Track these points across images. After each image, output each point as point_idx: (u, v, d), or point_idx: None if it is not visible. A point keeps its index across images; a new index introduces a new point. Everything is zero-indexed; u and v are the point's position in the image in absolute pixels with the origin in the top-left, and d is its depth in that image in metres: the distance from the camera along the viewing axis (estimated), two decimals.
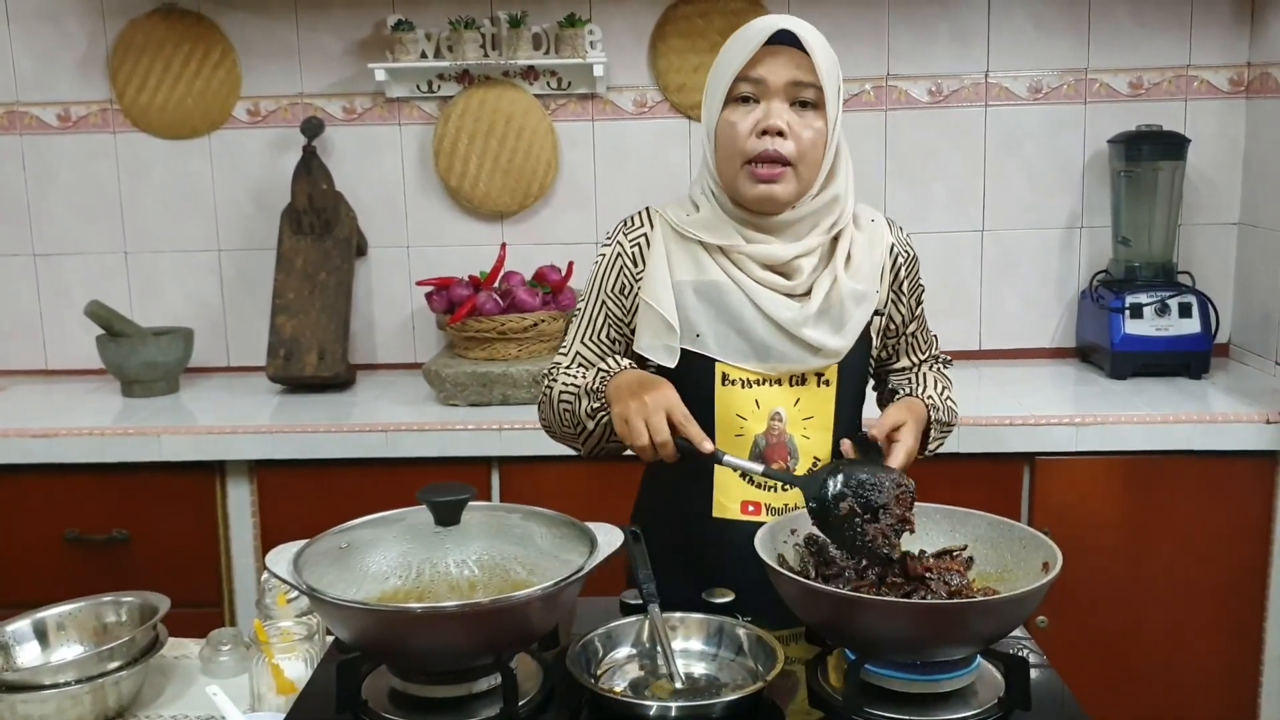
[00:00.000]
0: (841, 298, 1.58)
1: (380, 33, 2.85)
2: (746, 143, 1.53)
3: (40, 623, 1.53)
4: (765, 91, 1.53)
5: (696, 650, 1.34)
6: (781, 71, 1.52)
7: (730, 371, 1.58)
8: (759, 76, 1.52)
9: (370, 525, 1.36)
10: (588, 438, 1.59)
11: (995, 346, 2.95)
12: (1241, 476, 2.37)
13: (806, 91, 1.53)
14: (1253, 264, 2.79)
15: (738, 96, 1.54)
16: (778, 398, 1.59)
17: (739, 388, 1.58)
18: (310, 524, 1.43)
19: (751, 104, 1.54)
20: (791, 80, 1.52)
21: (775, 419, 1.59)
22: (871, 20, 2.81)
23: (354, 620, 1.20)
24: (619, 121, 2.89)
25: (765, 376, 1.58)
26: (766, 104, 1.53)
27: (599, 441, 1.59)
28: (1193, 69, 2.82)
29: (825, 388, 1.61)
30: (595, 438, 1.59)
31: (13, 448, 2.45)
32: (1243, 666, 2.44)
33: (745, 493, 1.59)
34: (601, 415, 1.54)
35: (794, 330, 1.56)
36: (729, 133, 1.55)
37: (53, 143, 2.94)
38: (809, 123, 1.54)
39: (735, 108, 1.55)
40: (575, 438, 1.61)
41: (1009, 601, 1.20)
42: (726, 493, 1.60)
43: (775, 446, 1.59)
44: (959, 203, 2.90)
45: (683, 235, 1.61)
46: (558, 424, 1.62)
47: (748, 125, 1.53)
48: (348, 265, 2.82)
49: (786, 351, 1.57)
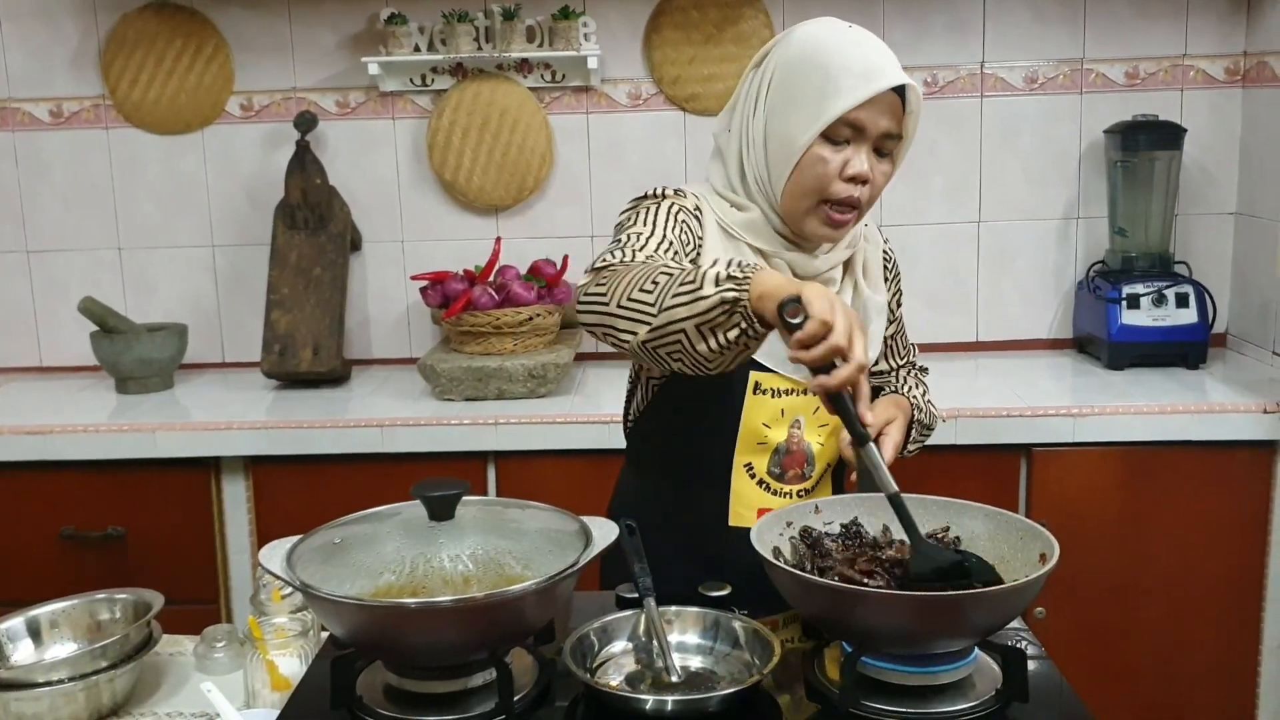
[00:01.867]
0: (864, 307, 1.59)
1: (373, 26, 2.84)
2: (832, 185, 1.47)
3: (34, 620, 1.53)
4: (860, 138, 1.47)
5: (693, 643, 1.34)
6: (881, 122, 1.46)
7: (764, 380, 1.55)
8: (862, 125, 1.46)
9: (364, 521, 1.35)
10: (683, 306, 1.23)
11: (992, 338, 2.94)
12: (1239, 467, 2.37)
13: (890, 143, 1.50)
14: (1250, 254, 2.79)
15: (833, 136, 1.46)
16: (800, 406, 1.58)
17: (769, 397, 1.56)
18: (306, 519, 1.42)
19: (842, 146, 1.47)
20: (885, 132, 1.48)
21: (795, 427, 1.58)
22: (867, 11, 2.80)
23: (348, 616, 1.19)
24: (614, 114, 2.88)
25: (795, 386, 1.56)
26: (856, 149, 1.47)
27: (693, 318, 1.22)
28: (1189, 59, 2.81)
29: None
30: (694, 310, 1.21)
31: (7, 445, 2.44)
32: (1241, 656, 2.43)
33: (763, 500, 1.58)
34: (730, 290, 1.20)
35: None
36: (817, 170, 1.47)
37: (45, 139, 2.93)
38: (883, 169, 1.51)
39: (826, 145, 1.47)
40: (649, 310, 1.26)
41: (1006, 593, 1.19)
42: (744, 501, 1.59)
43: (794, 454, 1.59)
44: (955, 194, 2.89)
45: (727, 231, 1.55)
46: (630, 288, 1.29)
47: (836, 167, 1.47)
48: (342, 260, 2.81)
49: None
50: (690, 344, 1.24)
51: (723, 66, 2.82)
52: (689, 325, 1.23)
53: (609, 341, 1.34)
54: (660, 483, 1.66)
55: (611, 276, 1.33)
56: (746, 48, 2.79)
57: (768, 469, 1.58)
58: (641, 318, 1.27)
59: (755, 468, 1.58)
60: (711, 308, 1.21)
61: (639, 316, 1.28)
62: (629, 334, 1.29)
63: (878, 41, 1.49)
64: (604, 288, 1.33)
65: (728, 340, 1.22)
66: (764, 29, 2.80)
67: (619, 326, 1.30)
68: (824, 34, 1.49)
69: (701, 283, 1.22)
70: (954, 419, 2.32)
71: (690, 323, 1.22)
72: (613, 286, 1.31)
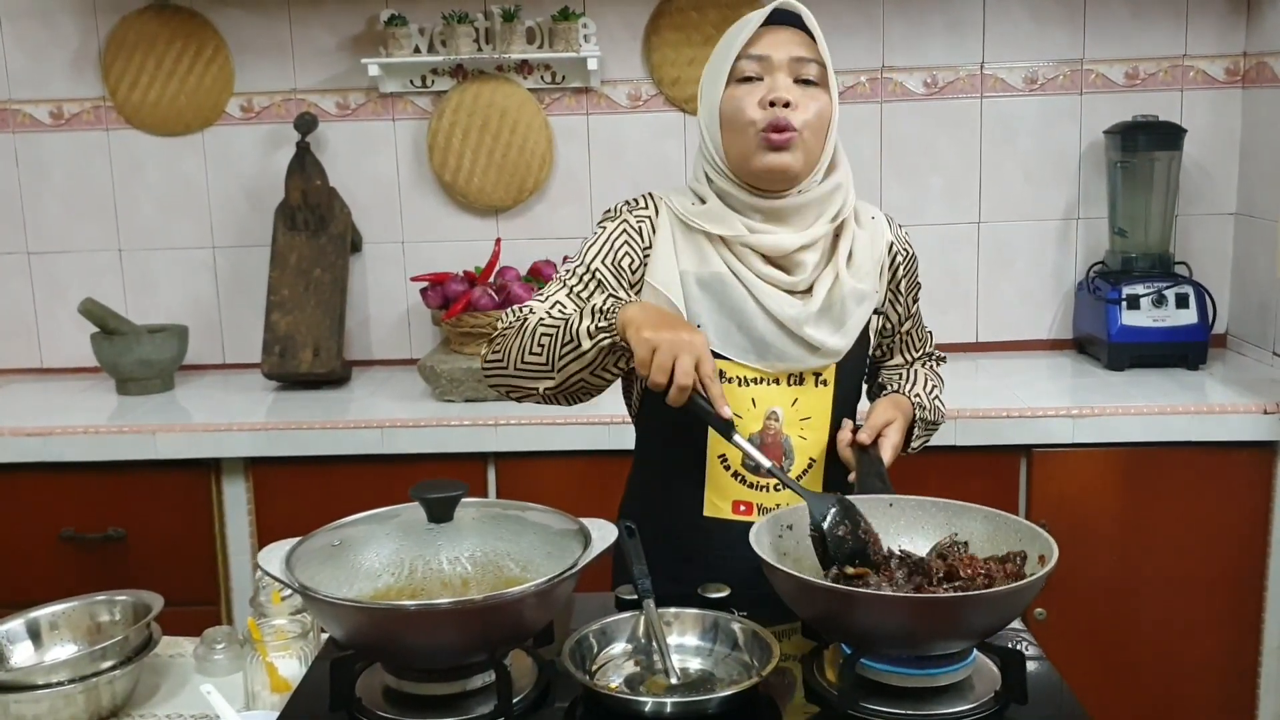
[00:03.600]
0: (843, 296, 1.57)
1: (373, 28, 2.84)
2: (749, 111, 1.52)
3: (33, 622, 1.52)
4: (769, 68, 1.53)
5: (692, 645, 1.34)
6: (784, 48, 1.53)
7: (728, 368, 1.56)
8: (762, 54, 1.53)
9: (363, 523, 1.35)
10: (571, 361, 1.44)
11: (992, 338, 2.94)
12: (1239, 467, 2.37)
13: (809, 68, 1.53)
14: (1250, 254, 2.79)
15: (741, 76, 1.54)
16: (775, 397, 1.58)
17: (736, 385, 1.56)
18: (306, 521, 1.43)
19: (755, 82, 1.53)
20: (794, 56, 1.53)
21: (771, 418, 1.58)
22: (866, 12, 2.80)
23: (347, 618, 1.19)
24: (613, 115, 2.88)
25: (762, 375, 1.57)
26: (771, 78, 1.53)
27: (585, 368, 1.45)
28: (1189, 59, 2.81)
29: (823, 388, 1.60)
30: (582, 363, 1.44)
31: (7, 446, 2.45)
32: (1241, 657, 2.43)
33: (738, 492, 1.58)
34: (604, 338, 1.41)
35: (795, 328, 1.54)
36: (735, 107, 1.53)
37: (45, 140, 2.93)
38: (813, 97, 1.54)
39: (739, 86, 1.54)
40: (544, 368, 1.47)
41: (1005, 594, 1.19)
42: (720, 492, 1.59)
43: (770, 446, 1.58)
44: (955, 195, 2.89)
45: (688, 225, 1.58)
46: (522, 353, 1.49)
47: (755, 99, 1.52)
48: (342, 261, 2.81)
49: (786, 349, 1.56)
50: (591, 382, 1.48)
51: None
52: (584, 373, 1.46)
53: (514, 398, 1.54)
54: (649, 472, 1.69)
55: (502, 343, 1.52)
56: None
57: (742, 461, 1.58)
58: (538, 375, 1.49)
59: (729, 459, 1.59)
60: (595, 356, 1.43)
61: (535, 375, 1.49)
62: (533, 388, 1.50)
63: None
64: (500, 354, 1.52)
65: (620, 367, 1.46)
66: None
67: (523, 385, 1.51)
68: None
69: (579, 340, 1.43)
70: (954, 419, 2.32)
71: (584, 371, 1.46)
72: (507, 353, 1.51)
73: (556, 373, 1.46)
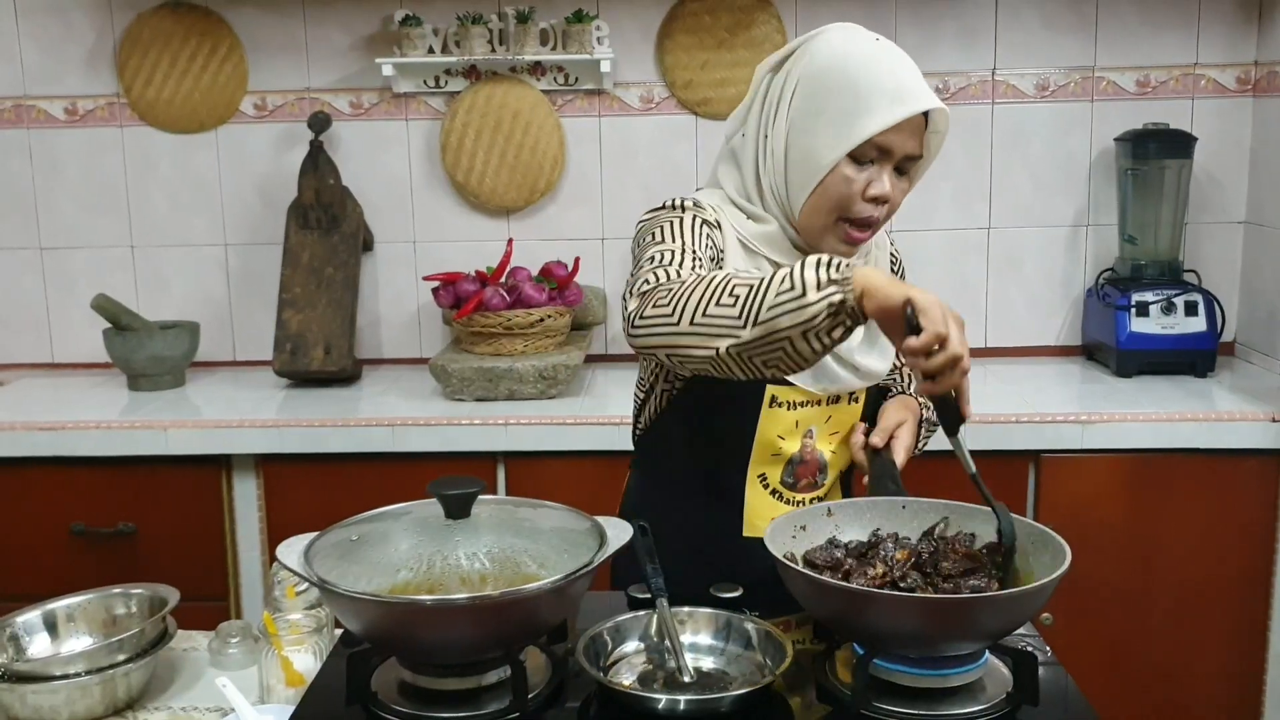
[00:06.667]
0: None
1: (388, 28, 2.85)
2: (855, 205, 1.47)
3: (50, 614, 1.54)
4: (884, 158, 1.46)
5: (705, 644, 1.34)
6: (906, 144, 1.46)
7: (780, 394, 1.54)
8: (889, 147, 1.45)
9: (380, 518, 1.36)
10: (786, 314, 1.21)
11: (1001, 344, 2.95)
12: (1247, 475, 2.37)
13: (911, 162, 1.50)
14: (1259, 262, 2.79)
15: (858, 156, 1.45)
16: (813, 417, 1.57)
17: (785, 410, 1.55)
18: (316, 518, 1.44)
19: (867, 165, 1.46)
20: (909, 154, 1.48)
21: (807, 437, 1.58)
22: (878, 17, 2.81)
23: (365, 612, 1.20)
24: (626, 117, 2.90)
25: (810, 398, 1.55)
26: (880, 169, 1.46)
27: (797, 325, 1.21)
28: (1200, 67, 2.82)
29: (854, 404, 1.60)
30: (799, 318, 1.21)
31: (19, 441, 2.46)
32: (1248, 663, 2.44)
33: (775, 510, 1.58)
34: (834, 292, 1.20)
35: (846, 354, 1.53)
36: (841, 189, 1.46)
37: (60, 136, 2.94)
38: (901, 186, 1.51)
39: (850, 164, 1.45)
40: (734, 323, 1.25)
41: (1018, 596, 1.20)
42: (758, 513, 1.58)
43: (808, 463, 1.59)
44: (965, 200, 2.90)
45: (745, 245, 1.54)
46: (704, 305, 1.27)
47: (860, 187, 1.46)
48: (354, 260, 2.82)
49: (838, 374, 1.55)
50: (793, 349, 1.24)
51: (735, 71, 2.83)
52: (794, 333, 1.22)
53: (671, 361, 1.32)
54: (672, 492, 1.65)
55: (669, 297, 1.31)
56: (758, 52, 2.79)
57: (781, 479, 1.59)
58: (721, 332, 1.26)
59: (769, 478, 1.59)
60: (818, 313, 1.21)
61: (719, 331, 1.26)
62: (704, 350, 1.27)
63: (907, 59, 1.47)
64: (666, 309, 1.30)
65: (832, 340, 1.23)
66: (776, 34, 2.82)
67: (691, 344, 1.28)
68: (852, 47, 1.46)
69: (804, 289, 1.21)
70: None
71: (796, 330, 1.22)
72: (678, 307, 1.29)
73: (753, 327, 1.24)
